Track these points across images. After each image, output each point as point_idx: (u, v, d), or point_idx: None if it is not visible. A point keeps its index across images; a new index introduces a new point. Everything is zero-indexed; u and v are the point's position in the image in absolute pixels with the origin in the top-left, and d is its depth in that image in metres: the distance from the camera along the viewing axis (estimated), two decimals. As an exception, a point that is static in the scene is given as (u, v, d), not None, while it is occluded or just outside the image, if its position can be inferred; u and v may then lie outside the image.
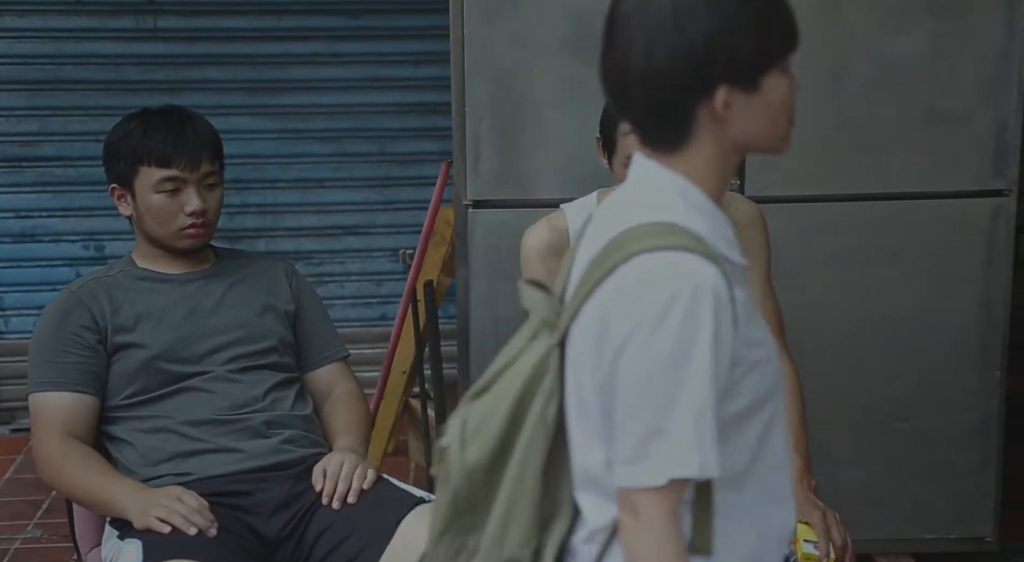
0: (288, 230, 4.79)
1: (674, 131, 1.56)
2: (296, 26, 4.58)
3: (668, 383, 1.46)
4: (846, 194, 3.24)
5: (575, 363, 1.57)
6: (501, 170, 3.18)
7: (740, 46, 1.51)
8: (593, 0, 2.99)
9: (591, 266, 1.55)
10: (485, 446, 1.58)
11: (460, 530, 1.63)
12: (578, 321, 1.55)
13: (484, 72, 3.13)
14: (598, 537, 1.59)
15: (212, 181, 2.69)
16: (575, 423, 1.58)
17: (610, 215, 1.61)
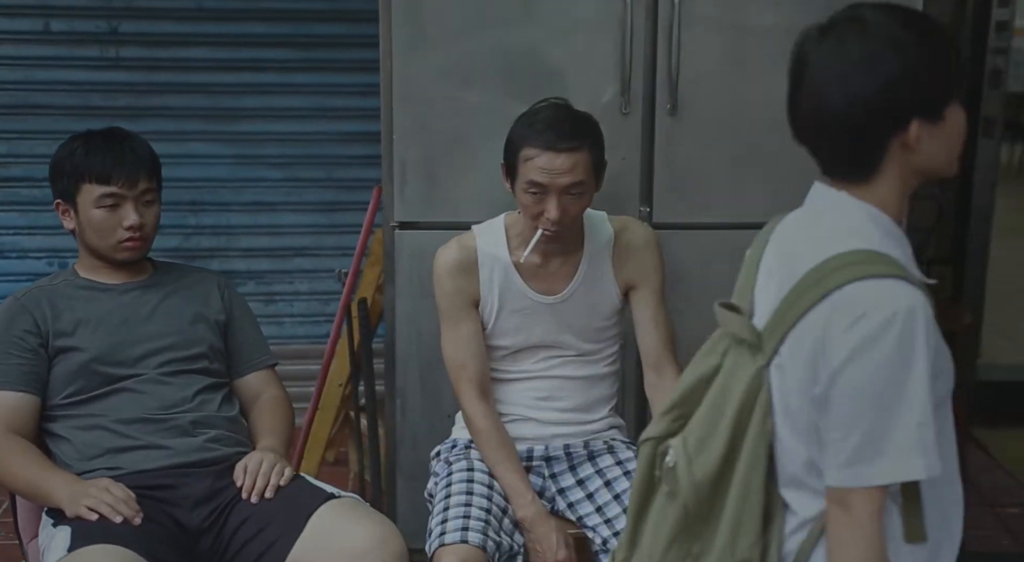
0: (241, 251, 4.89)
1: (864, 163, 1.69)
2: (250, 58, 4.69)
3: (889, 396, 1.59)
4: (744, 222, 3.34)
5: (784, 379, 1.70)
6: (426, 194, 3.30)
7: (929, 83, 1.64)
8: (511, 38, 3.20)
9: (795, 293, 1.67)
10: (711, 461, 1.71)
11: (686, 539, 1.77)
12: (787, 342, 1.68)
13: (411, 103, 3.25)
14: (807, 527, 1.73)
15: (149, 198, 2.81)
16: (780, 430, 1.72)
17: (800, 243, 1.73)
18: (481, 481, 2.77)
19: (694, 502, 1.74)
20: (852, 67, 1.64)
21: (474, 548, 2.58)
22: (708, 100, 3.28)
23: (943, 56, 1.67)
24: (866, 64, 1.64)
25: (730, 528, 1.72)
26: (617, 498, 2.78)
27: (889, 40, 1.64)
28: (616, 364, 2.96)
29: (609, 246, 2.82)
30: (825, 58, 1.68)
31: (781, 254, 1.77)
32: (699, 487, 1.72)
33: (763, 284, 1.77)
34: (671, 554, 1.78)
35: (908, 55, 1.64)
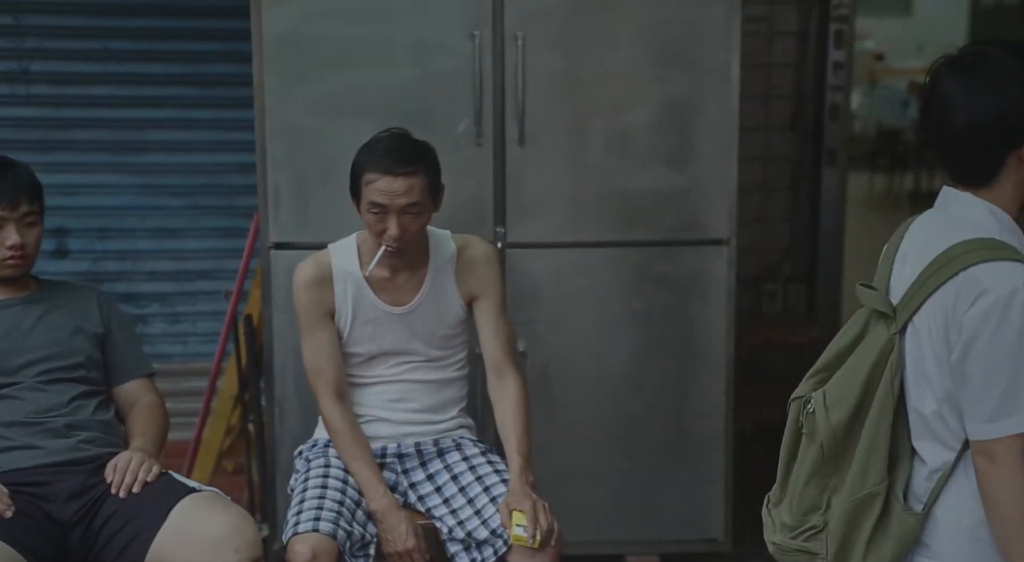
0: (146, 274, 4.95)
1: (983, 173, 1.93)
2: (153, 95, 4.76)
3: (1017, 356, 1.81)
4: (587, 241, 3.51)
5: (917, 344, 1.92)
6: (298, 217, 3.42)
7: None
8: (373, 76, 3.33)
9: (925, 274, 1.90)
10: (846, 408, 1.95)
11: (824, 475, 2.00)
12: (920, 314, 1.91)
13: (282, 134, 3.38)
14: (936, 475, 1.93)
15: (31, 220, 2.90)
16: (913, 388, 1.95)
17: (931, 234, 1.96)
18: (336, 476, 2.88)
19: (829, 442, 1.97)
20: (975, 96, 1.88)
21: (325, 536, 2.68)
22: (552, 132, 3.44)
23: None
24: (987, 93, 1.88)
25: (860, 465, 1.95)
26: (462, 490, 2.90)
27: (1006, 74, 1.88)
28: (465, 369, 3.09)
29: (452, 261, 2.95)
30: (953, 87, 1.90)
31: (914, 243, 2.00)
32: (834, 430, 1.95)
33: (899, 269, 2.00)
34: (810, 487, 2.02)
35: (1021, 86, 1.87)
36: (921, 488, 1.96)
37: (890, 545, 1.95)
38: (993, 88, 1.88)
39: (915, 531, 1.94)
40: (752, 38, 4.95)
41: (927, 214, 2.05)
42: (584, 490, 3.62)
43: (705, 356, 3.57)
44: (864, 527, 1.95)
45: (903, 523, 1.94)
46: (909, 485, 1.97)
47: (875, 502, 1.95)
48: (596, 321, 3.54)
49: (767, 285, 5.11)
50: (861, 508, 1.96)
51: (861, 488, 1.95)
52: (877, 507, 1.95)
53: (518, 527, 2.73)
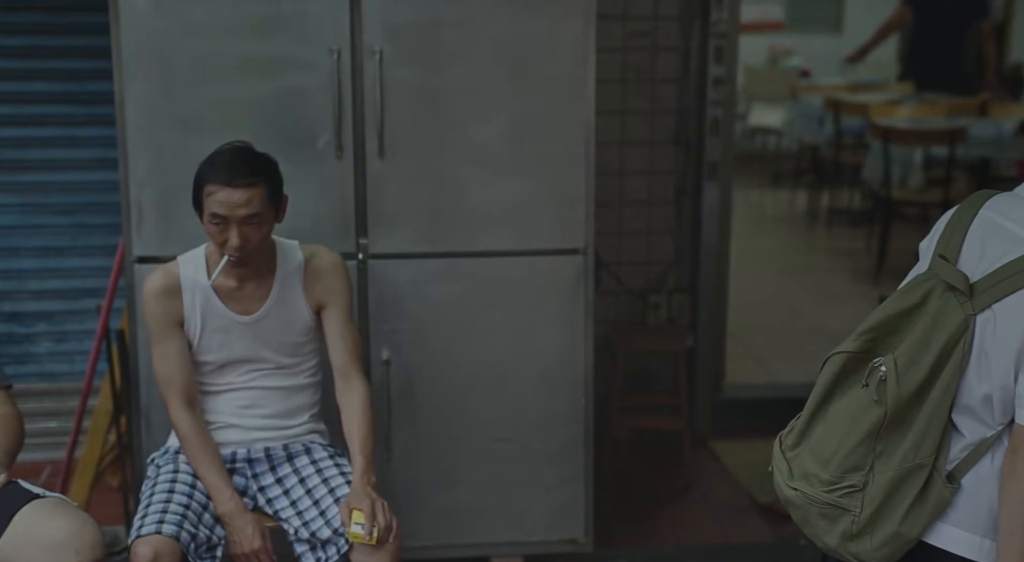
0: (31, 293, 5.02)
1: None
2: (35, 113, 4.85)
3: None
4: (450, 252, 3.65)
5: (991, 330, 2.01)
6: (161, 231, 3.52)
7: None
8: (232, 91, 3.45)
9: (1015, 265, 1.99)
10: (915, 381, 2.05)
11: (877, 439, 2.09)
12: (1003, 303, 1.99)
13: (144, 150, 3.49)
14: (969, 448, 2.06)
15: None
16: (970, 368, 2.03)
17: (1014, 222, 2.05)
18: (184, 481, 3.00)
19: (895, 410, 2.06)
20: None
21: (168, 538, 2.80)
22: (411, 145, 3.58)
23: None
24: None
25: (916, 437, 2.06)
26: (309, 492, 3.03)
27: None
28: (317, 375, 3.21)
29: (300, 271, 3.08)
30: None
31: (996, 226, 2.07)
32: (901, 399, 2.06)
33: (971, 244, 2.08)
34: (861, 447, 2.10)
35: None
36: (957, 459, 2.09)
37: (925, 514, 2.08)
38: None
39: (948, 501, 2.07)
40: (636, 53, 5.15)
41: (1005, 197, 2.13)
42: (447, 493, 3.75)
43: (564, 363, 3.71)
44: (907, 495, 2.08)
45: (940, 495, 2.07)
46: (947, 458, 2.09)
47: (921, 473, 2.07)
48: (457, 329, 3.67)
49: (652, 297, 5.27)
50: (907, 477, 2.07)
51: (913, 458, 2.07)
52: (922, 478, 2.07)
53: (356, 525, 2.86)
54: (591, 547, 3.85)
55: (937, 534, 2.12)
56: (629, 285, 5.26)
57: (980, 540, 2.09)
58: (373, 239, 3.60)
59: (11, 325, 5.03)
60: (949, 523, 2.11)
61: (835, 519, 2.14)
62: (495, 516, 3.79)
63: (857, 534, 2.12)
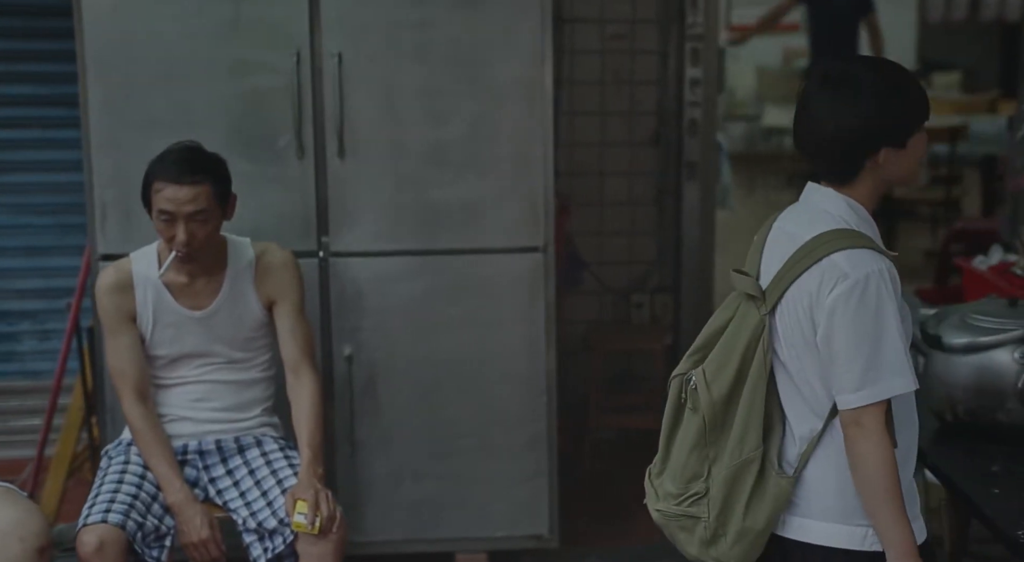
0: (15, 292, 5.16)
1: (847, 173, 2.21)
2: (16, 115, 4.99)
3: (876, 332, 2.10)
4: (411, 249, 3.76)
5: (785, 323, 2.19)
6: (124, 229, 3.64)
7: (897, 122, 2.18)
8: (193, 93, 3.58)
9: (791, 260, 2.18)
10: (724, 384, 2.21)
11: (704, 445, 2.25)
12: (787, 297, 2.18)
13: (107, 151, 3.62)
14: (805, 442, 2.21)
15: None
16: (784, 363, 2.21)
17: (797, 225, 2.24)
18: (134, 472, 3.12)
19: (710, 415, 2.22)
20: (841, 108, 2.17)
21: (113, 527, 2.92)
22: (370, 145, 3.69)
23: (910, 99, 2.20)
24: (851, 106, 2.16)
25: (738, 434, 2.21)
26: (258, 484, 3.16)
27: (871, 89, 2.16)
28: (271, 370, 3.33)
29: (251, 267, 3.21)
30: (823, 99, 2.20)
31: (781, 232, 2.27)
32: (715, 403, 2.22)
33: (767, 256, 2.27)
34: (693, 456, 2.26)
35: (883, 100, 2.16)
36: (792, 454, 2.23)
37: (766, 506, 2.21)
38: (856, 102, 2.17)
39: (788, 492, 2.20)
40: (615, 55, 5.26)
41: (792, 207, 2.32)
42: (412, 489, 3.85)
43: (527, 360, 3.81)
44: (743, 490, 2.21)
45: (777, 485, 2.20)
46: (782, 452, 2.24)
47: (752, 467, 2.20)
48: (419, 326, 3.77)
49: (635, 296, 5.37)
50: (739, 473, 2.21)
51: (739, 455, 2.21)
52: (754, 471, 2.20)
53: (299, 515, 2.98)
54: (556, 543, 3.94)
55: (791, 527, 2.26)
56: (611, 285, 5.36)
57: (835, 526, 2.22)
58: (334, 237, 3.71)
59: (-4, 324, 5.18)
60: (799, 515, 2.24)
61: (691, 529, 2.29)
62: (459, 512, 3.88)
63: (712, 538, 2.27)
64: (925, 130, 2.23)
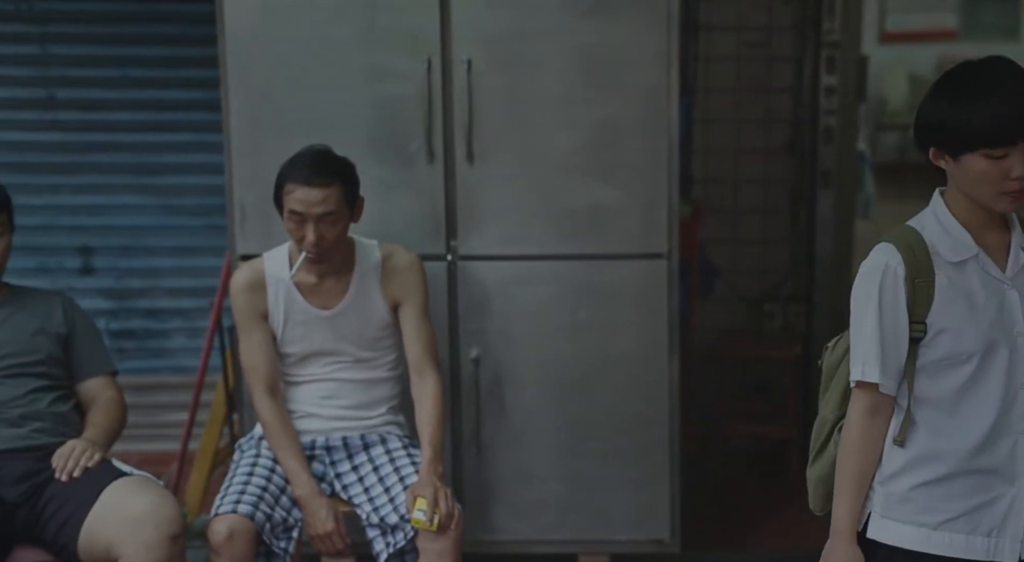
0: (167, 291, 5.32)
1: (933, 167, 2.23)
2: (171, 119, 5.15)
3: (859, 318, 2.21)
4: (537, 254, 3.76)
5: None
6: (263, 230, 3.71)
7: (934, 125, 2.16)
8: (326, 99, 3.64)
9: None
10: (837, 353, 2.37)
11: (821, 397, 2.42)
12: None
13: (247, 154, 3.71)
14: None
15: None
16: None
17: None
18: (264, 465, 3.18)
19: (823, 374, 2.41)
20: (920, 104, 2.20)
21: (243, 517, 2.98)
22: (498, 150, 3.70)
23: (957, 110, 2.11)
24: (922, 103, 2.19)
25: (828, 394, 2.39)
26: (381, 480, 3.19)
27: (937, 84, 2.18)
28: (397, 369, 3.37)
29: (377, 269, 3.25)
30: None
31: None
32: (828, 366, 2.41)
33: None
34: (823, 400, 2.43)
35: (933, 98, 2.17)
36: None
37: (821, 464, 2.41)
38: (925, 100, 2.19)
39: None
40: (751, 62, 5.19)
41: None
42: (536, 491, 3.85)
43: (650, 365, 3.78)
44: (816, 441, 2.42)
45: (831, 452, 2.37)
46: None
47: (826, 425, 2.39)
48: (544, 330, 3.77)
49: (767, 305, 5.29)
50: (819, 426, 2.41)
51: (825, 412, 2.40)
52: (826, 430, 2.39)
53: (418, 511, 3.00)
54: (678, 548, 3.90)
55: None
56: (744, 293, 5.29)
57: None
58: (462, 241, 3.73)
59: (148, 321, 5.34)
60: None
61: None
62: (582, 514, 3.87)
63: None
64: (993, 157, 2.10)
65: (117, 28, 5.10)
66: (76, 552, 2.94)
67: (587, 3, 3.62)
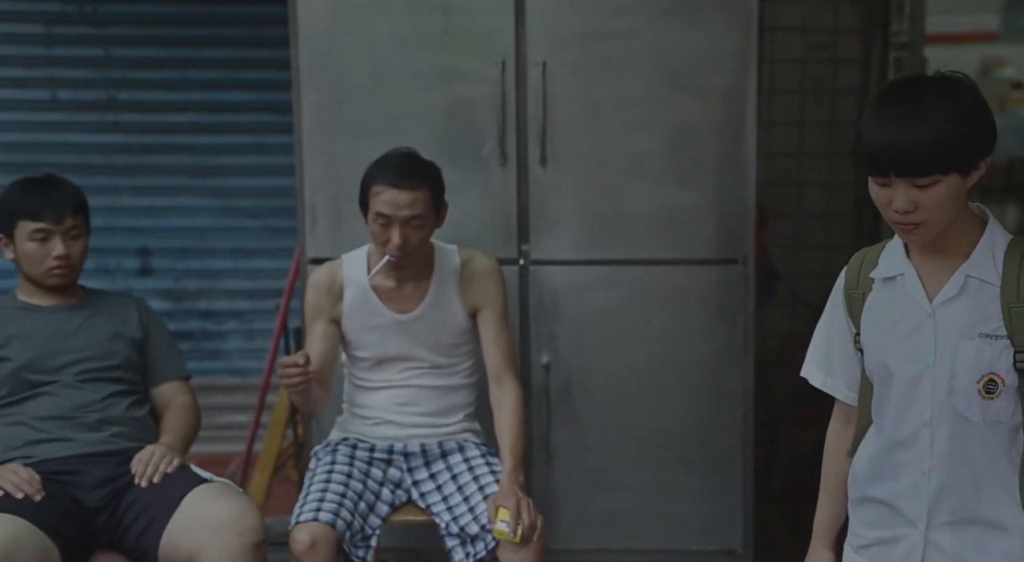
0: (224, 292, 5.30)
1: None
2: (229, 121, 5.13)
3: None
4: (611, 259, 3.70)
5: None
6: (333, 233, 3.68)
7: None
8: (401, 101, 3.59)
9: None
10: None
11: None
12: None
13: (319, 156, 3.66)
14: None
15: (76, 233, 3.22)
16: None
17: None
18: (341, 472, 3.14)
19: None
20: None
21: (324, 525, 2.94)
22: (572, 153, 3.65)
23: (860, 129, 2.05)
24: None
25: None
26: (460, 489, 3.14)
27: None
28: (474, 376, 3.31)
29: (456, 274, 3.19)
30: None
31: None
32: None
33: None
34: None
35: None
36: None
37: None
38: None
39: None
40: (815, 65, 5.12)
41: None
42: (606, 498, 3.79)
43: (723, 372, 3.71)
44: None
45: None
46: None
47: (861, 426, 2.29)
48: (616, 335, 3.71)
49: (830, 311, 5.20)
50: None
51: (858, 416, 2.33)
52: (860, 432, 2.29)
53: (501, 522, 2.94)
54: (750, 559, 3.83)
55: None
56: (806, 298, 5.21)
57: None
58: (534, 245, 3.68)
59: (205, 322, 5.32)
60: None
61: None
62: (653, 523, 3.81)
63: None
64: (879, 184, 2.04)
65: (178, 30, 5.09)
66: (156, 559, 2.91)
67: (664, 4, 3.56)
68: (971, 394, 2.03)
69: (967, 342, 2.03)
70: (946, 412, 2.05)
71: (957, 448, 2.06)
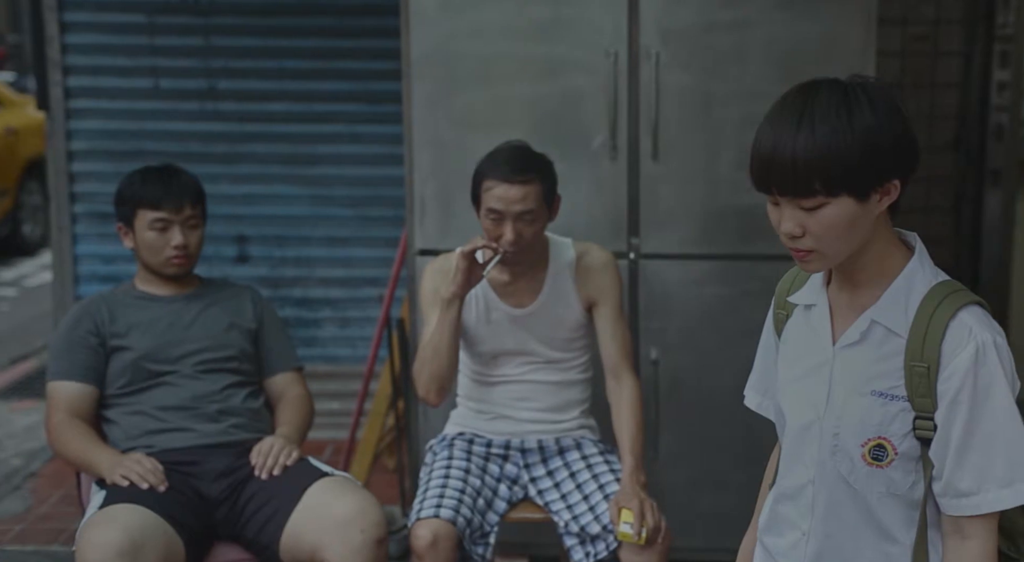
0: (319, 280, 5.29)
1: None
2: (325, 111, 5.11)
3: None
4: (719, 253, 3.64)
5: None
6: (442, 225, 3.65)
7: None
8: (512, 92, 3.55)
9: None
10: None
11: None
12: None
13: (428, 147, 3.62)
14: None
15: (194, 222, 3.21)
16: None
17: None
18: (459, 467, 3.09)
19: None
20: None
21: (445, 522, 2.90)
22: (684, 147, 3.58)
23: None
24: None
25: None
26: (579, 487, 3.08)
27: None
28: (589, 371, 3.26)
29: (571, 267, 3.14)
30: None
31: None
32: None
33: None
34: None
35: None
36: None
37: None
38: None
39: None
40: (916, 58, 5.00)
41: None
42: (714, 497, 3.73)
43: (834, 369, 3.63)
44: None
45: None
46: None
47: None
48: (726, 331, 3.64)
49: (927, 307, 5.10)
50: None
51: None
52: None
53: (625, 524, 2.88)
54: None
55: None
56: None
57: None
58: (645, 239, 3.62)
59: (300, 310, 5.31)
60: None
61: None
62: (757, 521, 3.74)
63: None
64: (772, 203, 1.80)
65: (276, 20, 5.07)
66: (278, 552, 2.89)
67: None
68: (855, 458, 1.78)
69: (857, 398, 1.79)
70: (829, 472, 1.82)
71: (838, 514, 1.83)
